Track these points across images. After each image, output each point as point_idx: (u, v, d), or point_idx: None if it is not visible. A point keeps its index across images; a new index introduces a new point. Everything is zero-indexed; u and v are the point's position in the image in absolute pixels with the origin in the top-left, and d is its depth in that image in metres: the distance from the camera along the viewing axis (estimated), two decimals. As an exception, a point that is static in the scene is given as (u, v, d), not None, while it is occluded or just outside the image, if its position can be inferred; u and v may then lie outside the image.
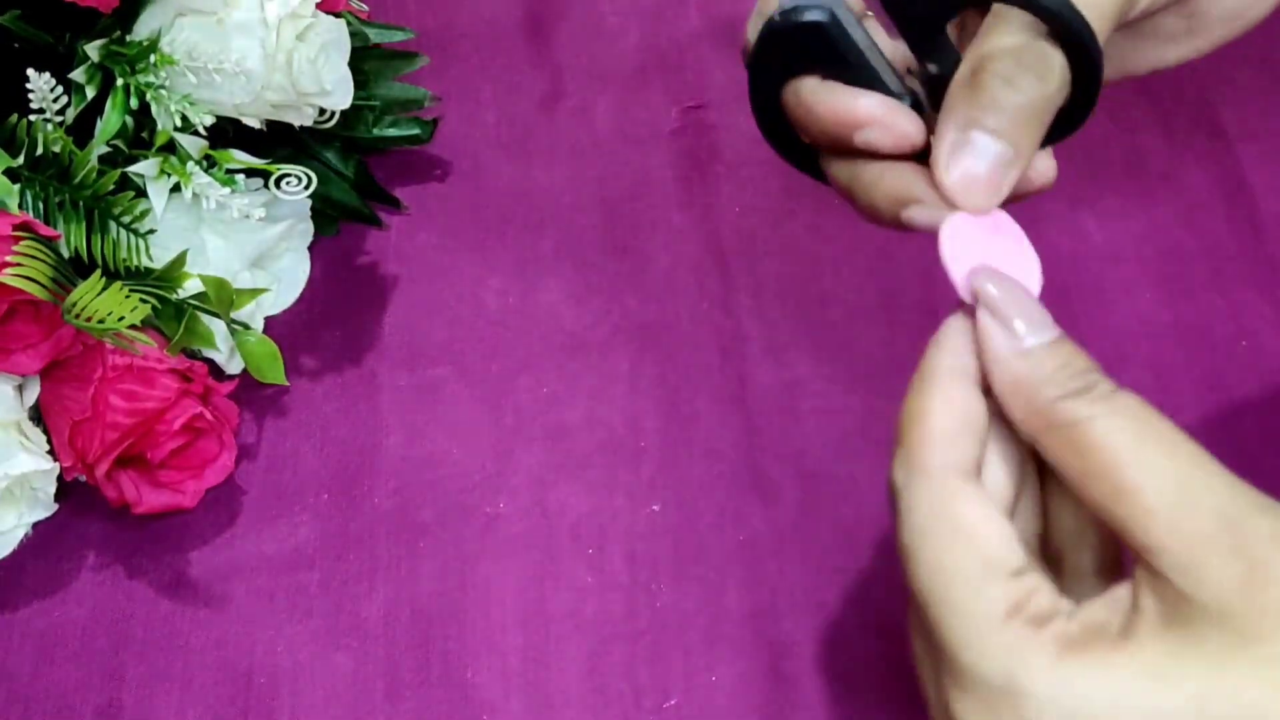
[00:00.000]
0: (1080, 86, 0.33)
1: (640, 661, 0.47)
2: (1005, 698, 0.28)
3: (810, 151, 0.36)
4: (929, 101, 0.34)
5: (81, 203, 0.48)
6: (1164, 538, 0.27)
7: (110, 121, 0.49)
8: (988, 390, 0.31)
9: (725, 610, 0.48)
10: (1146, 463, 0.28)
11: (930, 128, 0.33)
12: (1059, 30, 0.32)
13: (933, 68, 0.34)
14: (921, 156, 0.33)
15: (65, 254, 0.48)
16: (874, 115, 0.33)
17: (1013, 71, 0.32)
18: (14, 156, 0.47)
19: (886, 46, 0.35)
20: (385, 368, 0.54)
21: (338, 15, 0.51)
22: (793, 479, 0.50)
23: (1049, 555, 0.33)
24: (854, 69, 0.33)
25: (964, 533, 0.29)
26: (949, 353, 0.31)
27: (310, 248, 0.55)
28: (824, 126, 0.34)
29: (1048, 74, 0.32)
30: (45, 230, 0.45)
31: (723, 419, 0.52)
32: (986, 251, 0.32)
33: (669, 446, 0.52)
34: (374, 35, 0.58)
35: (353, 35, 0.52)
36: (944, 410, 0.31)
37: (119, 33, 0.50)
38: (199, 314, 0.49)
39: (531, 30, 0.65)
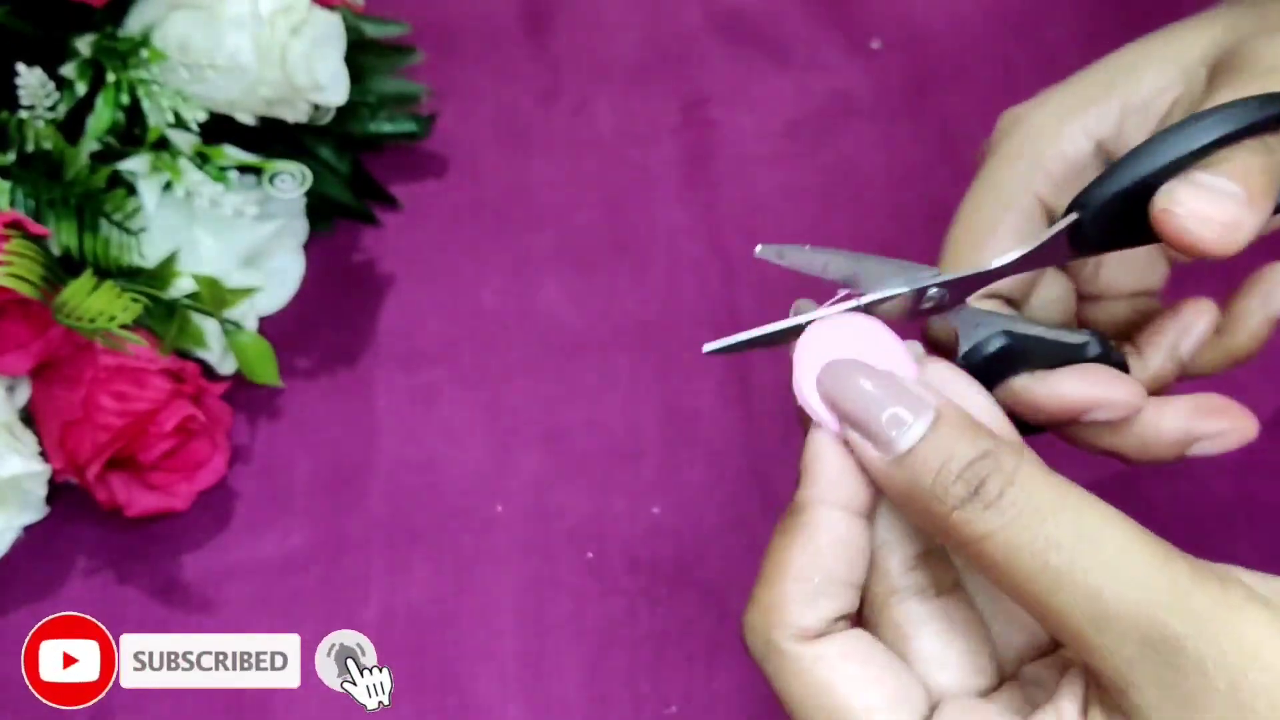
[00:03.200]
0: None
1: (640, 668, 0.46)
2: None
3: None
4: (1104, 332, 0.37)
5: (72, 200, 0.48)
6: (1095, 661, 0.26)
7: (101, 117, 0.49)
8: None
9: (727, 616, 0.47)
10: (1061, 583, 0.26)
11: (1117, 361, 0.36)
12: None
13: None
14: None
15: (55, 252, 0.47)
16: (1095, 399, 0.35)
17: None
18: (3, 153, 0.47)
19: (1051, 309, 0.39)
20: (381, 368, 0.54)
21: (332, 9, 0.51)
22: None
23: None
24: (1047, 351, 0.35)
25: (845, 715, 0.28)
26: (818, 481, 0.30)
27: (304, 246, 0.54)
28: (1052, 416, 0.35)
29: None
30: (35, 228, 0.45)
31: (724, 420, 0.51)
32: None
33: (669, 448, 0.51)
34: (369, 29, 0.58)
35: (348, 29, 0.52)
36: (807, 560, 0.29)
37: (110, 27, 0.49)
38: (191, 313, 0.49)
39: (530, 24, 0.64)
